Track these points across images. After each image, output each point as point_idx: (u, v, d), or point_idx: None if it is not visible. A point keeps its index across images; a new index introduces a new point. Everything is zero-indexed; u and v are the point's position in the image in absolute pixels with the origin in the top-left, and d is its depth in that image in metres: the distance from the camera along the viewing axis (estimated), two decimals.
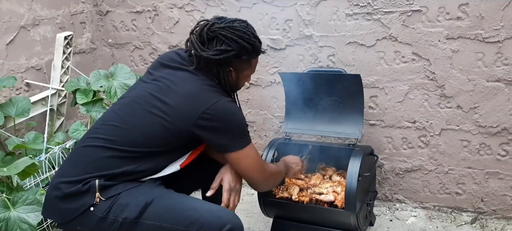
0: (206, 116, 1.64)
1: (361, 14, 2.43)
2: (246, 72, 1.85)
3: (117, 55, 3.20)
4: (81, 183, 1.62)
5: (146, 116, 1.67)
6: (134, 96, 1.76)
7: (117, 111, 1.76)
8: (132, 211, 1.60)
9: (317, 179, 2.34)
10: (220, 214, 1.63)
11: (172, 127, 1.65)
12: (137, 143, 1.66)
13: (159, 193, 1.67)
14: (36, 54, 2.82)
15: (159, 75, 1.75)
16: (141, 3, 2.97)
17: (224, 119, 1.67)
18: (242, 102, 2.87)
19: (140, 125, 1.67)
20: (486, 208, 2.48)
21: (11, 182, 2.20)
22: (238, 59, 1.75)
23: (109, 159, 1.65)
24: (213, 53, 1.70)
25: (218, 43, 1.71)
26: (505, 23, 2.17)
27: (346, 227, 2.19)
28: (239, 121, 1.73)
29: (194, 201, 1.71)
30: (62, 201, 1.64)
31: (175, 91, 1.68)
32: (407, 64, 2.41)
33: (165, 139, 1.67)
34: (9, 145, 2.36)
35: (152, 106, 1.67)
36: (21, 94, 2.71)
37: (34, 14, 2.79)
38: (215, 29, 1.72)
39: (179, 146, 1.72)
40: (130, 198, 1.62)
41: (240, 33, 1.73)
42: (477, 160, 2.42)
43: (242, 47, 1.73)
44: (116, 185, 1.64)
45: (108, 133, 1.69)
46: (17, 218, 1.95)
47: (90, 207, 1.60)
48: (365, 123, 2.57)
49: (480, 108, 2.33)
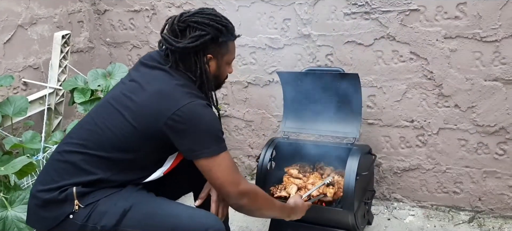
0: (176, 117, 1.55)
1: (359, 13, 2.43)
2: (226, 57, 1.76)
3: (115, 54, 3.20)
4: (58, 190, 1.58)
5: (117, 117, 1.62)
6: (109, 97, 1.71)
7: (92, 114, 1.72)
8: (111, 219, 1.55)
9: (315, 178, 2.34)
10: (201, 220, 1.57)
11: (140, 126, 1.58)
12: (108, 147, 1.60)
13: (139, 199, 1.61)
14: (34, 53, 2.82)
15: (136, 75, 1.70)
16: (139, 2, 2.97)
17: (193, 121, 1.56)
18: (240, 101, 2.87)
19: (111, 127, 1.61)
20: (484, 207, 2.48)
21: (8, 181, 2.19)
22: (215, 44, 1.68)
23: (84, 165, 1.60)
24: (188, 42, 1.63)
25: (191, 31, 1.65)
26: (503, 23, 2.17)
27: (344, 226, 2.19)
28: (211, 125, 1.60)
29: (176, 206, 1.64)
30: (42, 210, 1.61)
31: (145, 90, 1.61)
32: (405, 63, 2.41)
33: (135, 141, 1.60)
34: (6, 144, 2.36)
35: (123, 106, 1.62)
36: (18, 93, 2.71)
37: (31, 13, 2.78)
38: (185, 19, 1.66)
39: (153, 151, 1.65)
40: (109, 205, 1.58)
41: (211, 17, 1.68)
42: (474, 159, 2.43)
43: (216, 29, 1.66)
44: (95, 191, 1.59)
45: (83, 137, 1.65)
46: (15, 217, 1.94)
47: (70, 215, 1.57)
48: (363, 122, 2.57)
49: (478, 107, 2.34)
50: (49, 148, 2.42)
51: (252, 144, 2.97)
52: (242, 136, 2.98)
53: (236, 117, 2.94)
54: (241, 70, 2.80)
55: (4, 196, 1.99)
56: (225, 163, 1.61)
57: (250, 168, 3.04)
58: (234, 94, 2.87)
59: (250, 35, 2.69)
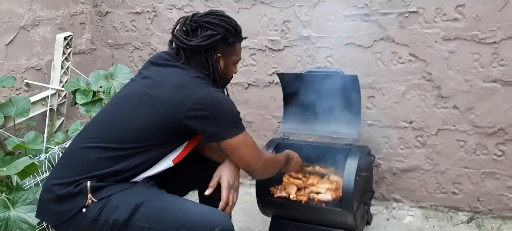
0: (197, 106, 1.64)
1: (359, 15, 2.44)
2: (233, 57, 1.87)
3: (117, 56, 3.22)
4: (73, 184, 1.61)
5: (137, 109, 1.69)
6: (124, 95, 1.80)
7: (106, 111, 1.79)
8: (123, 213, 1.59)
9: (314, 178, 2.36)
10: (211, 216, 1.61)
11: (164, 119, 1.65)
12: (126, 139, 1.66)
13: (150, 195, 1.66)
14: (36, 54, 2.83)
15: (148, 73, 1.77)
16: (141, 4, 2.99)
17: (214, 106, 1.67)
18: (241, 103, 2.89)
19: (131, 119, 1.68)
20: (483, 207, 2.50)
21: (10, 181, 2.21)
22: (225, 43, 1.80)
23: (99, 159, 1.65)
24: (200, 40, 1.74)
25: (203, 30, 1.76)
26: (502, 24, 2.18)
27: (343, 226, 2.20)
28: (230, 108, 1.73)
29: (186, 203, 1.70)
30: (55, 204, 1.64)
31: (164, 85, 1.69)
32: (404, 65, 2.43)
33: (156, 131, 1.67)
34: (8, 145, 2.37)
35: (142, 101, 1.69)
36: (21, 94, 2.72)
37: (33, 14, 2.80)
38: (197, 19, 1.78)
39: (170, 139, 1.72)
40: (121, 199, 1.62)
41: (222, 17, 1.80)
42: (473, 160, 2.44)
43: (226, 30, 1.78)
44: (108, 186, 1.63)
45: (98, 132, 1.71)
46: (17, 217, 1.95)
47: (82, 208, 1.60)
48: (363, 123, 2.58)
49: (477, 108, 2.35)
50: (51, 148, 2.44)
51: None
52: None
53: None
54: (242, 71, 2.81)
55: (7, 196, 2.00)
56: (248, 141, 1.77)
57: None
58: (234, 96, 2.88)
59: (250, 37, 2.70)
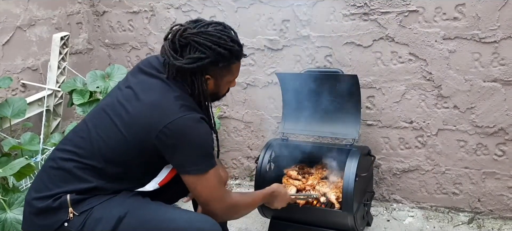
0: (166, 131, 1.52)
1: (358, 14, 2.43)
2: (227, 78, 1.71)
3: (114, 56, 3.19)
4: (52, 198, 1.56)
5: (109, 126, 1.59)
6: (104, 104, 1.68)
7: (86, 120, 1.69)
8: (106, 226, 1.53)
9: (314, 179, 2.34)
10: (198, 224, 1.56)
11: (131, 138, 1.56)
12: (99, 157, 1.58)
13: (135, 205, 1.59)
14: (32, 54, 2.81)
15: (133, 82, 1.67)
16: (138, 4, 2.97)
17: (183, 137, 1.54)
18: (239, 103, 2.87)
19: (103, 136, 1.59)
20: (483, 208, 2.48)
21: (7, 183, 2.19)
22: (215, 66, 1.62)
23: (78, 172, 1.59)
24: (186, 62, 1.58)
25: (191, 51, 1.58)
26: (502, 24, 2.17)
27: (343, 228, 2.19)
28: (199, 142, 1.58)
29: (172, 211, 1.64)
30: (37, 217, 1.60)
31: (140, 100, 1.58)
32: (404, 64, 2.41)
33: (126, 152, 1.57)
34: (5, 146, 2.35)
35: (116, 115, 1.60)
36: (17, 95, 2.70)
37: (30, 14, 2.78)
38: (187, 35, 1.58)
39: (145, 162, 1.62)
40: (104, 211, 1.56)
41: (215, 39, 1.58)
42: (474, 160, 2.43)
43: (218, 54, 1.59)
44: (89, 198, 1.57)
45: (76, 144, 1.63)
46: (13, 219, 1.94)
47: (64, 222, 1.55)
48: (362, 123, 2.57)
49: (477, 108, 2.34)
50: (47, 149, 2.42)
51: (251, 145, 2.97)
52: (241, 137, 2.98)
53: (235, 118, 2.94)
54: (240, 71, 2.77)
55: (3, 198, 1.99)
56: (211, 181, 1.60)
57: (249, 169, 3.04)
58: (233, 96, 2.87)
59: (249, 36, 2.69)
